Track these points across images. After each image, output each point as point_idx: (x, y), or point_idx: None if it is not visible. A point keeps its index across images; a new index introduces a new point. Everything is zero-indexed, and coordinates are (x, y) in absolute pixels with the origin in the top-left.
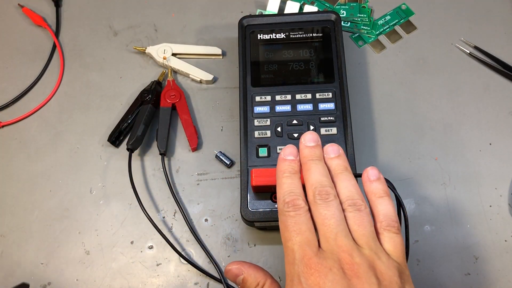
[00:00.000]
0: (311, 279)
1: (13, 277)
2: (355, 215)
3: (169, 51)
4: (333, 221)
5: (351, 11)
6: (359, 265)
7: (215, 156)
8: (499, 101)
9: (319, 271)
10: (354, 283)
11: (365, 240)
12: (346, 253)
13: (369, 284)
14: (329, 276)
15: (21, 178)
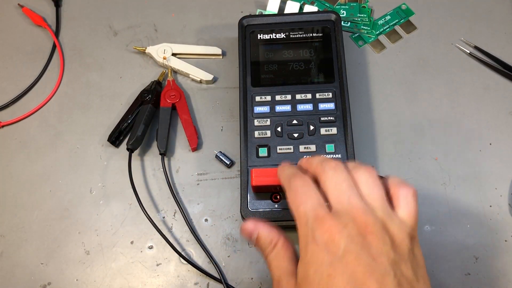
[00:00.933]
0: (325, 235)
1: (13, 277)
2: (367, 180)
3: (169, 51)
4: (345, 185)
5: (351, 11)
6: (374, 224)
7: (215, 156)
8: (499, 101)
9: (334, 227)
10: (369, 239)
11: (378, 203)
12: (360, 212)
13: (383, 242)
14: (344, 232)
15: (21, 178)
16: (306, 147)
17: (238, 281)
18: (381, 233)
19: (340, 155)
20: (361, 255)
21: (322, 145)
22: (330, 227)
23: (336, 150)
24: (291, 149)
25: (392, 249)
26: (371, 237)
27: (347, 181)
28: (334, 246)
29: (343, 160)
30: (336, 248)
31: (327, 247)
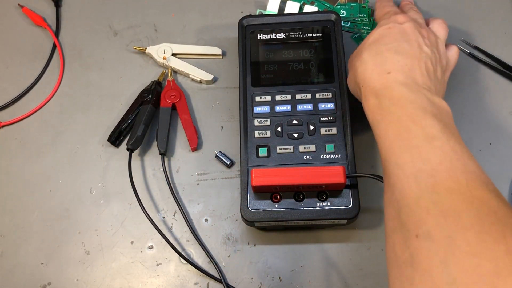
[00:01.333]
0: (394, 19)
1: (13, 277)
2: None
3: (169, 51)
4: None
5: (351, 11)
6: (410, 25)
7: (215, 156)
8: (499, 101)
9: (401, 17)
10: (412, 32)
11: (413, 17)
12: (401, 18)
13: (416, 35)
14: (406, 21)
15: (21, 178)
16: (306, 147)
17: (238, 281)
18: (415, 30)
19: (340, 155)
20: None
21: (322, 145)
22: (397, 18)
23: (336, 150)
24: (291, 149)
25: (427, 39)
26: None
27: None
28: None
29: (343, 160)
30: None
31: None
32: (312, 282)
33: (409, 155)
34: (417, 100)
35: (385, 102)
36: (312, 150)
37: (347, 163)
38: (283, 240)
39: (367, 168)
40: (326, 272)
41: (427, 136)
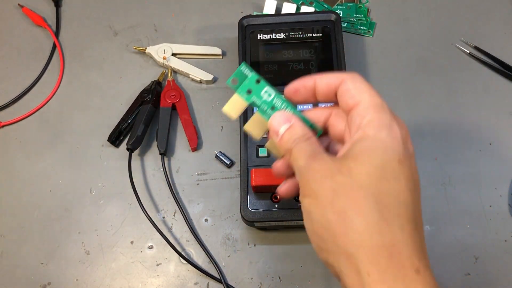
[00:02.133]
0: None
1: (13, 277)
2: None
3: (169, 51)
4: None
5: (348, 11)
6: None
7: (215, 156)
8: (499, 101)
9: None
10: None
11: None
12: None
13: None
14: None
15: (21, 178)
16: None
17: (238, 281)
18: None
19: None
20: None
21: None
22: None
23: None
24: None
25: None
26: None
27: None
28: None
29: None
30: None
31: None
32: (312, 282)
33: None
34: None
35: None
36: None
37: None
38: (283, 240)
39: None
40: (326, 272)
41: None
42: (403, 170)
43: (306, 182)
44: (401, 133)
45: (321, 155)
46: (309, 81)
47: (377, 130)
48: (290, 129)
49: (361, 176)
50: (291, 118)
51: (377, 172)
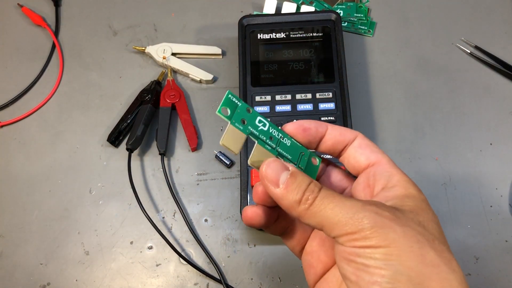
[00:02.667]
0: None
1: (13, 277)
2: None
3: (168, 51)
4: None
5: (348, 11)
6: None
7: (215, 156)
8: (500, 101)
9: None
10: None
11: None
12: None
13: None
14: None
15: (20, 178)
16: None
17: (238, 281)
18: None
19: None
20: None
21: None
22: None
23: None
24: None
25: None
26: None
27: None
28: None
29: None
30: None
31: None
32: None
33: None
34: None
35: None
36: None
37: None
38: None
39: None
40: None
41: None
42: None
43: (374, 230)
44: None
45: (359, 200)
46: (323, 126)
47: (415, 190)
48: (293, 177)
49: (434, 230)
50: (287, 165)
51: (438, 226)
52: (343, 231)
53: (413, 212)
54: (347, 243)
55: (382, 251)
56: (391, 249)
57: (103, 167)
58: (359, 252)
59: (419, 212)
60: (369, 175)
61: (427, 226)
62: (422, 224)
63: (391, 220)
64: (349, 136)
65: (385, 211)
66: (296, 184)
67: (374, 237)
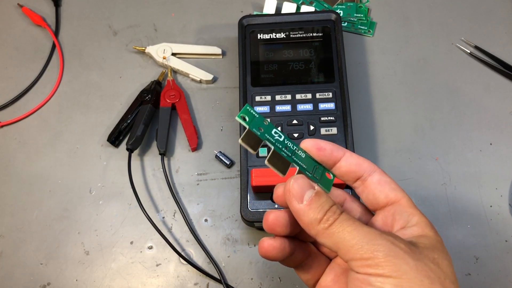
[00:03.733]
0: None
1: (13, 277)
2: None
3: (168, 51)
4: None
5: (348, 11)
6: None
7: (215, 156)
8: (500, 101)
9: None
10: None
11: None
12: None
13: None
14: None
15: (20, 178)
16: None
17: (238, 281)
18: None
19: None
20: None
21: None
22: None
23: None
24: None
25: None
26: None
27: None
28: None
29: None
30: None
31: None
32: None
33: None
34: None
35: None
36: None
37: None
38: None
39: None
40: None
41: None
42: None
43: (388, 259)
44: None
45: (376, 229)
46: (340, 151)
47: (432, 231)
48: (317, 196)
49: (446, 269)
50: (313, 184)
51: (451, 266)
52: (357, 255)
53: (428, 249)
54: (360, 269)
55: (393, 282)
56: (402, 280)
57: (103, 167)
58: (371, 281)
59: (434, 250)
60: (388, 214)
61: (440, 264)
62: (435, 261)
63: (405, 252)
64: (366, 169)
65: (401, 243)
66: (319, 202)
67: (387, 266)
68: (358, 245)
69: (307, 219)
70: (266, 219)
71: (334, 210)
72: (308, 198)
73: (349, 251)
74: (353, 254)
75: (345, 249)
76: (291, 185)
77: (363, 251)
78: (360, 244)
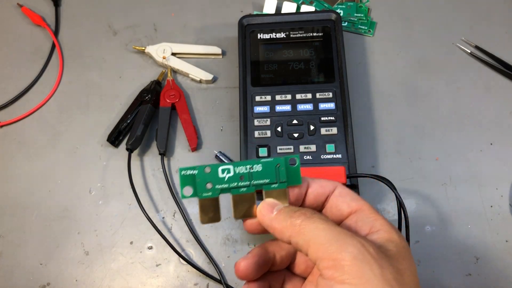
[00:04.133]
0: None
1: (13, 277)
2: None
3: (168, 51)
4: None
5: (348, 11)
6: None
7: (215, 156)
8: (500, 101)
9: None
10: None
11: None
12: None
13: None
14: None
15: (20, 178)
16: (306, 147)
17: (238, 281)
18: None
19: (340, 155)
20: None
21: (323, 145)
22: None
23: (336, 150)
24: (291, 149)
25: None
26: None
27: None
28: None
29: (344, 160)
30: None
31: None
32: None
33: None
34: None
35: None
36: (312, 150)
37: (347, 163)
38: None
39: (367, 168)
40: None
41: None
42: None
43: (354, 262)
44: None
45: (349, 231)
46: (303, 186)
47: (398, 236)
48: (286, 208)
49: (410, 280)
50: (279, 203)
51: (415, 277)
52: (326, 254)
53: (394, 259)
54: (325, 271)
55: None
56: (364, 287)
57: (103, 167)
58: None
59: (399, 260)
60: (351, 222)
61: (404, 275)
62: (400, 272)
63: (372, 257)
64: (330, 187)
65: (371, 247)
66: (288, 209)
67: (351, 271)
68: (328, 243)
69: (279, 225)
70: (237, 269)
71: (304, 211)
72: (277, 209)
73: (318, 249)
74: (322, 252)
75: (315, 247)
76: (259, 209)
77: (331, 249)
78: (330, 243)
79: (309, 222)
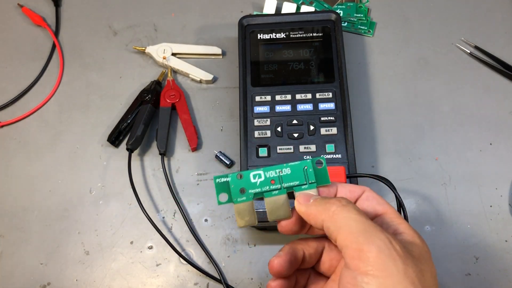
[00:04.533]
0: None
1: (13, 277)
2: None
3: (168, 51)
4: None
5: (348, 11)
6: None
7: (215, 156)
8: (500, 101)
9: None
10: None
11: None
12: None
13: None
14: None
15: (20, 178)
16: (306, 147)
17: (238, 281)
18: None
19: (340, 155)
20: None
21: (322, 145)
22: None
23: (336, 150)
24: (291, 149)
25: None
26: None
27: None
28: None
29: (343, 160)
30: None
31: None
32: None
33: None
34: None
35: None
36: (312, 150)
37: (347, 163)
38: (283, 240)
39: (367, 168)
40: None
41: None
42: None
43: (379, 256)
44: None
45: (380, 227)
46: (333, 187)
47: (420, 240)
48: (321, 197)
49: (430, 281)
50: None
51: (435, 280)
52: (353, 244)
53: (417, 259)
54: (351, 260)
55: (378, 282)
56: (387, 280)
57: (103, 167)
58: (357, 280)
59: (422, 261)
60: (382, 220)
61: (426, 276)
62: (422, 272)
63: (398, 254)
64: (358, 192)
65: (397, 245)
66: (323, 198)
67: (375, 264)
68: (357, 233)
69: (315, 210)
70: (271, 267)
71: (340, 199)
72: (314, 199)
73: (347, 237)
74: (350, 241)
75: (344, 235)
76: (297, 198)
77: (359, 240)
78: (359, 233)
79: (343, 210)
